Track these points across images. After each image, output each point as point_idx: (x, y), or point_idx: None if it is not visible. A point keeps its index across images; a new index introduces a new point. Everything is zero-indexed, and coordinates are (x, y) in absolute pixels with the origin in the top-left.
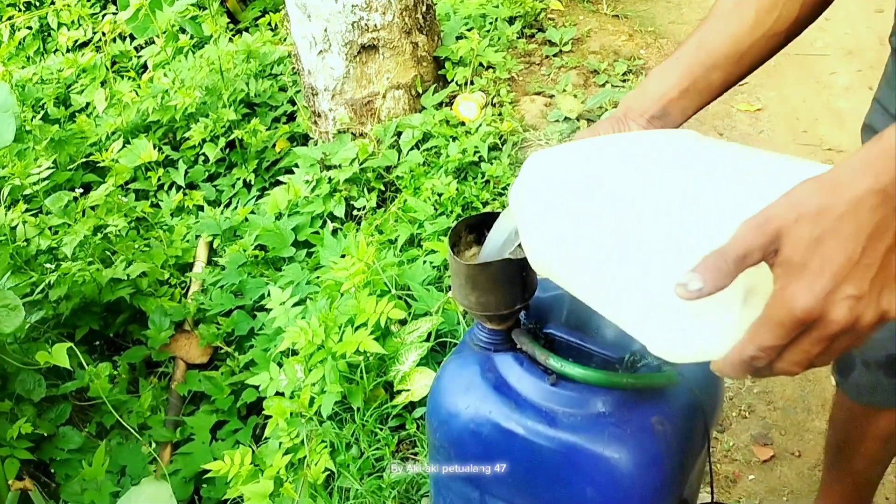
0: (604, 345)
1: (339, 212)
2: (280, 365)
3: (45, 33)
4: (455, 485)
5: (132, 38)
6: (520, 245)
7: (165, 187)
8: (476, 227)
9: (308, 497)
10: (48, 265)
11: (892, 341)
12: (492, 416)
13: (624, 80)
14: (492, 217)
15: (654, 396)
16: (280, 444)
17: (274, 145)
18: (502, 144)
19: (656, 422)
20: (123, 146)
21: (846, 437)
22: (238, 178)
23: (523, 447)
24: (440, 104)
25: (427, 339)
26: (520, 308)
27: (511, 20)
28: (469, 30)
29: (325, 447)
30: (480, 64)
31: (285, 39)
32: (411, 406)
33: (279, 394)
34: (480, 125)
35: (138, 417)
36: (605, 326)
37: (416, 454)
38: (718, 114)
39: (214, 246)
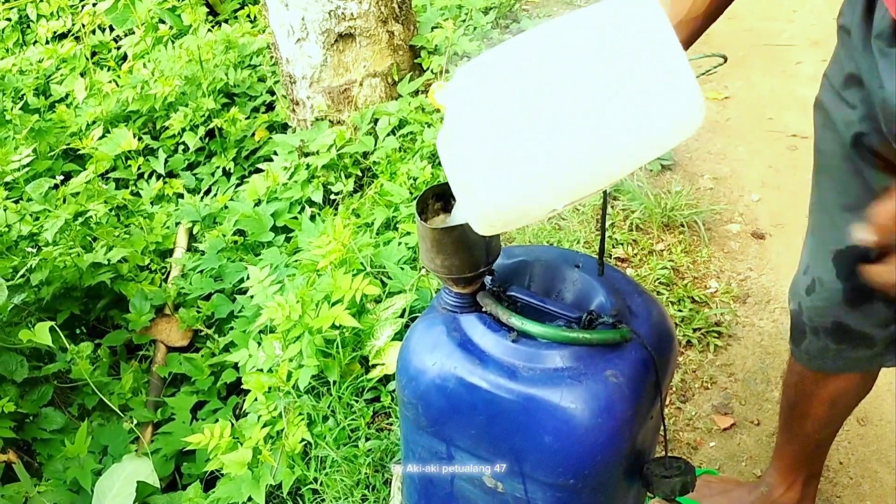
0: (563, 305)
1: (317, 197)
2: (258, 342)
3: (25, 25)
4: (423, 439)
5: (112, 28)
6: None
7: (145, 176)
8: (442, 195)
9: (286, 466)
10: (29, 250)
11: (838, 308)
12: (457, 371)
13: None
14: None
15: (608, 352)
16: (258, 417)
17: (253, 134)
18: None
19: (610, 375)
20: (103, 135)
21: (797, 400)
22: (217, 167)
23: (486, 400)
24: (416, 92)
25: (401, 316)
26: (483, 271)
27: (486, 11)
28: (445, 20)
29: (303, 419)
30: (455, 53)
31: (264, 31)
32: (386, 379)
33: (258, 370)
34: None
35: (120, 399)
36: (565, 289)
37: (390, 425)
38: None
39: (194, 232)
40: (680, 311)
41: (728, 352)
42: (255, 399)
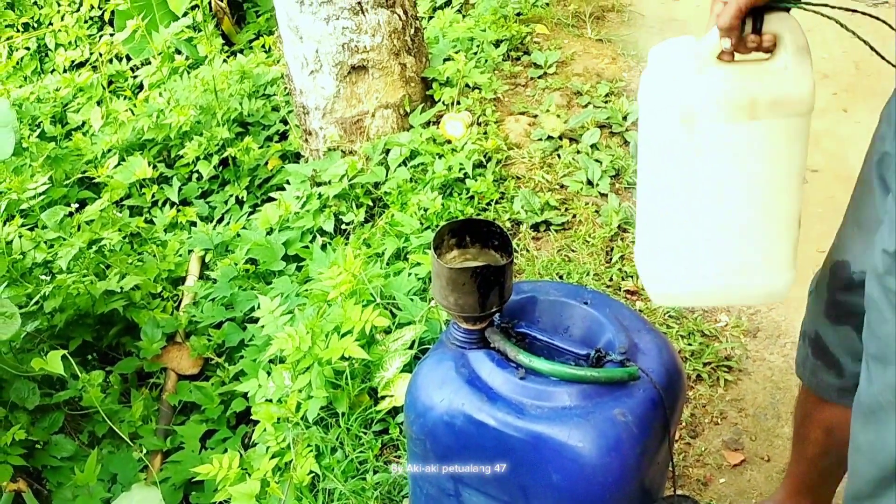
0: (571, 342)
1: (329, 227)
2: (268, 372)
3: (43, 53)
4: (431, 475)
5: (128, 58)
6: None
7: (159, 204)
8: (458, 231)
9: (294, 498)
10: (43, 277)
11: (821, 318)
12: (465, 408)
13: (606, 102)
14: (473, 223)
15: (616, 390)
16: (267, 448)
17: (266, 163)
18: (486, 162)
19: (618, 413)
20: (119, 163)
21: (801, 421)
22: (231, 195)
23: (494, 437)
24: (427, 123)
25: (411, 347)
26: (495, 311)
27: (497, 43)
28: (456, 52)
29: (311, 451)
30: (467, 85)
31: (279, 61)
32: (395, 411)
33: (267, 400)
34: (466, 143)
35: (130, 427)
36: (574, 325)
37: (398, 457)
38: None
39: (206, 260)
40: (689, 344)
41: (738, 387)
42: (264, 429)
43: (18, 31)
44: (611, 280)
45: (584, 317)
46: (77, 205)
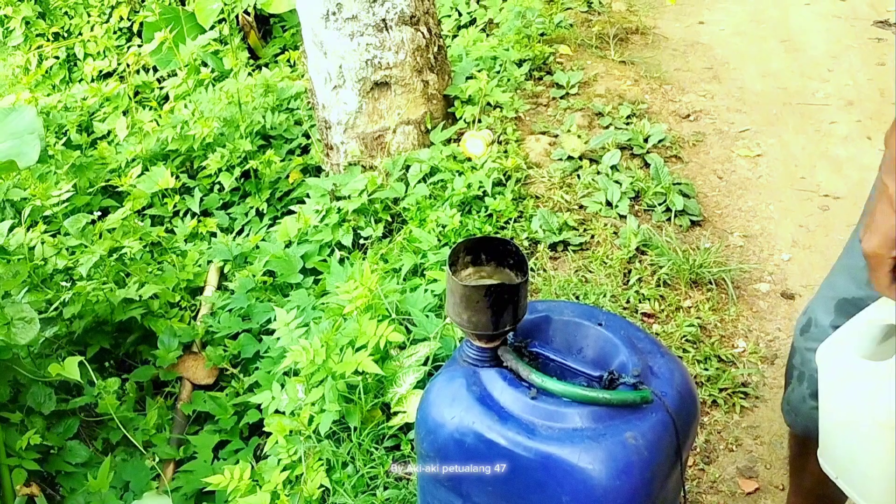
0: (584, 363)
1: (347, 241)
2: (282, 385)
3: (72, 63)
4: (440, 493)
5: (155, 69)
6: None
7: (181, 214)
8: (473, 249)
9: None
10: (64, 284)
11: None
12: (475, 426)
13: (628, 123)
14: (489, 241)
15: (628, 413)
16: (279, 460)
17: (287, 176)
18: (506, 180)
19: (629, 436)
20: (142, 173)
21: (798, 451)
22: (251, 207)
23: (504, 456)
24: (448, 140)
25: (425, 364)
26: (508, 329)
27: (520, 63)
28: (479, 71)
29: (322, 464)
30: (488, 103)
31: (303, 76)
32: (407, 427)
33: (280, 412)
34: (486, 161)
35: (144, 435)
36: (587, 346)
37: (409, 474)
38: (718, 158)
39: (225, 271)
40: (706, 369)
41: (754, 414)
42: (276, 441)
43: (49, 40)
44: (627, 302)
45: (598, 338)
46: (100, 213)
